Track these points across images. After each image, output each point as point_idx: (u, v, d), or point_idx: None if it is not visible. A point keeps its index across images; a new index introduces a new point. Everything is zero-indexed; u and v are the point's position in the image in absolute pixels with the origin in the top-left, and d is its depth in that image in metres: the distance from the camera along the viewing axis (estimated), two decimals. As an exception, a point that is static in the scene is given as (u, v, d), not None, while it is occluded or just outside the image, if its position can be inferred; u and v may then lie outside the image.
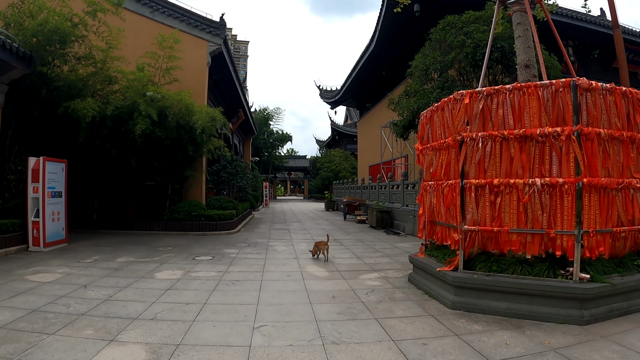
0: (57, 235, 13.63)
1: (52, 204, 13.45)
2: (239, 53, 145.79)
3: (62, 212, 14.12)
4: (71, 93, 15.33)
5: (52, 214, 13.39)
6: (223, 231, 17.76)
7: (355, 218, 24.99)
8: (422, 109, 15.00)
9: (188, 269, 10.09)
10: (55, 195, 13.68)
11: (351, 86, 37.00)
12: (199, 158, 18.92)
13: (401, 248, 14.07)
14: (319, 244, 11.76)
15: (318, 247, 11.72)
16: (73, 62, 16.18)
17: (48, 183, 13.21)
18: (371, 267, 10.60)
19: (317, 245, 11.77)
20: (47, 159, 13.21)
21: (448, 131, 7.70)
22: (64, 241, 13.97)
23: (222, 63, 22.30)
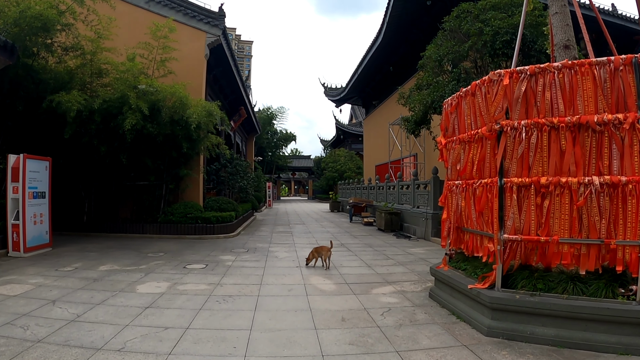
0: (39, 239, 12.55)
1: (34, 206, 12.38)
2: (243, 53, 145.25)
3: (46, 214, 13.04)
4: (57, 86, 14.23)
5: (33, 216, 12.32)
6: (221, 234, 16.56)
7: (361, 220, 23.78)
8: (437, 103, 14.06)
9: (176, 280, 8.87)
10: (37, 196, 12.58)
11: (357, 83, 35.87)
12: (196, 156, 17.78)
13: (414, 254, 12.84)
14: (319, 250, 10.62)
15: (319, 252, 10.58)
16: (59, 52, 15.09)
17: (29, 183, 12.14)
18: (384, 279, 9.33)
19: (317, 251, 10.61)
20: (28, 157, 12.13)
21: (481, 120, 6.45)
22: (47, 245, 12.89)
23: (222, 57, 21.10)
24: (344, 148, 58.42)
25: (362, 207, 24.96)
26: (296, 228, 21.49)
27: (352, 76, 35.50)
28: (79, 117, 13.79)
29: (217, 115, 16.12)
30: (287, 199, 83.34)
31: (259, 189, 39.57)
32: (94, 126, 14.54)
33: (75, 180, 17.13)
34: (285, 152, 72.94)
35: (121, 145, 15.17)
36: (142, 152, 15.99)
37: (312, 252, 10.66)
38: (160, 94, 14.77)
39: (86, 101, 13.80)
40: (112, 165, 16.27)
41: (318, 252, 10.55)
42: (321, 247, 10.68)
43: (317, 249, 10.63)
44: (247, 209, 24.32)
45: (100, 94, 14.56)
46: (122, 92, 14.32)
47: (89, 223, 17.01)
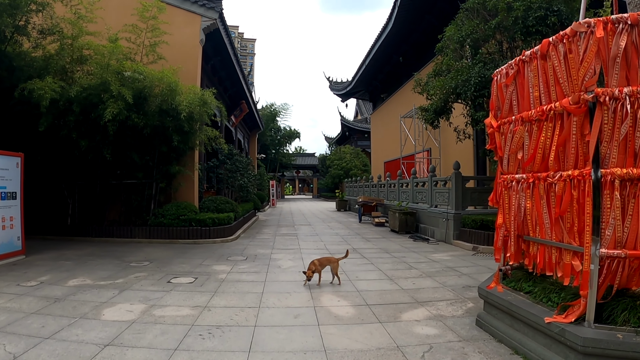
0: (9, 247, 11.00)
1: (2, 208, 10.86)
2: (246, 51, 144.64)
3: (17, 218, 11.43)
4: (34, 73, 12.71)
5: (1, 220, 10.78)
6: (218, 238, 14.81)
7: (372, 220, 21.98)
8: (461, 88, 12.59)
9: (153, 302, 7.12)
10: (6, 197, 11.01)
11: (364, 76, 34.11)
12: (190, 151, 16.03)
13: (439, 262, 11.09)
14: (323, 262, 8.48)
15: (322, 264, 8.42)
16: (36, 36, 13.66)
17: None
18: (413, 297, 7.55)
19: (320, 264, 8.40)
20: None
21: (558, 90, 4.71)
22: (19, 253, 11.28)
23: (220, 44, 19.45)
24: (350, 145, 56.89)
25: (372, 206, 23.20)
26: (302, 230, 19.67)
27: (358, 69, 33.73)
28: (54, 107, 12.35)
29: (212, 104, 14.40)
30: (291, 197, 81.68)
31: (262, 187, 38.02)
32: (73, 117, 12.96)
33: (57, 180, 15.55)
34: (289, 149, 71.79)
35: (104, 139, 13.57)
36: (127, 147, 14.38)
37: (313, 264, 8.32)
38: (147, 80, 13.11)
39: (62, 89, 12.27)
40: (96, 161, 14.71)
41: (322, 264, 8.40)
42: (326, 258, 8.79)
43: (321, 261, 8.48)
44: (248, 209, 22.54)
45: (78, 81, 12.88)
46: (103, 78, 12.68)
47: (73, 226, 15.37)
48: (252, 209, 24.78)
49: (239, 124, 31.93)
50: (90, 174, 15.31)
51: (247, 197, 25.35)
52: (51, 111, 12.40)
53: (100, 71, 12.86)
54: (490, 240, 12.67)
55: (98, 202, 15.55)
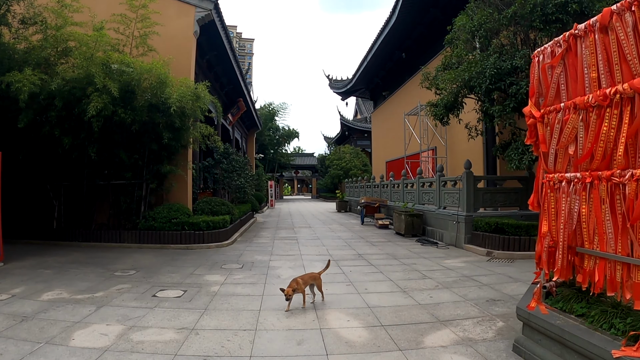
0: None
1: None
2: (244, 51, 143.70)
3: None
4: (14, 66, 11.75)
5: None
6: (212, 243, 13.85)
7: (375, 222, 21.05)
8: (474, 81, 11.75)
9: (134, 321, 6.16)
10: None
11: (364, 73, 33.11)
12: (183, 150, 15.03)
13: (454, 269, 10.16)
14: (306, 279, 7.06)
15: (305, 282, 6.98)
16: (16, 26, 12.75)
17: None
18: (433, 314, 6.60)
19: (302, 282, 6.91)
20: None
21: (625, 69, 3.78)
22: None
23: (215, 38, 18.48)
24: (349, 145, 56.00)
25: (375, 207, 22.25)
26: (302, 233, 18.70)
27: (359, 66, 32.73)
28: (35, 102, 11.55)
29: (206, 99, 13.44)
30: (290, 198, 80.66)
31: (260, 188, 37.06)
32: (55, 113, 12.07)
33: (41, 180, 14.62)
34: (288, 149, 70.76)
35: (89, 136, 12.64)
36: (115, 145, 13.42)
37: (296, 282, 6.83)
38: (135, 72, 12.16)
39: (43, 82, 11.32)
40: (81, 161, 13.79)
41: (306, 282, 7.00)
42: (310, 275, 7.37)
43: (304, 279, 7.03)
44: (245, 210, 21.56)
45: (60, 73, 11.92)
46: (87, 69, 11.71)
47: (59, 230, 14.43)
48: (249, 210, 23.80)
49: (236, 123, 30.99)
50: (76, 174, 14.37)
51: (244, 198, 24.34)
52: (32, 106, 11.58)
53: (84, 62, 11.91)
54: (506, 244, 11.91)
55: (85, 205, 14.57)
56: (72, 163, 13.92)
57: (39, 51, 12.53)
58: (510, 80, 11.26)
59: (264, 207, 37.56)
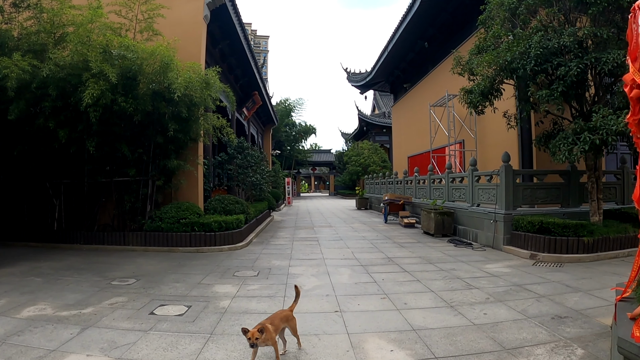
0: None
1: None
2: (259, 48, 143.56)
3: None
4: (5, 53, 10.70)
5: None
6: (225, 245, 12.63)
7: (400, 221, 19.68)
8: (517, 62, 10.40)
9: (121, 352, 4.92)
10: None
11: (384, 65, 31.71)
12: (192, 143, 13.83)
13: (500, 276, 8.81)
14: (276, 322, 4.75)
15: (277, 328, 4.72)
16: (8, 9, 11.78)
17: None
18: (494, 339, 5.27)
19: (274, 328, 4.63)
20: None
21: None
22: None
23: (228, 25, 17.23)
24: (368, 140, 54.79)
25: (399, 205, 20.92)
26: (322, 233, 17.38)
27: (378, 58, 31.35)
28: (27, 91, 10.63)
29: (216, 86, 12.20)
30: (307, 195, 79.32)
31: (277, 185, 35.98)
32: (49, 103, 11.05)
33: (40, 178, 13.52)
34: (304, 146, 69.45)
35: (87, 128, 11.49)
36: (116, 138, 12.26)
37: (266, 328, 4.44)
38: (136, 56, 10.96)
39: (34, 68, 10.24)
40: (80, 156, 12.63)
41: (277, 326, 4.75)
42: (281, 315, 4.95)
43: (275, 322, 4.70)
44: (261, 209, 20.33)
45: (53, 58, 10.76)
46: (82, 54, 10.54)
47: (60, 232, 13.34)
48: (266, 208, 22.60)
49: (251, 118, 29.81)
50: (76, 171, 13.26)
51: (260, 195, 23.12)
52: (23, 96, 10.64)
53: (80, 46, 10.76)
54: (552, 246, 10.62)
55: (87, 204, 13.43)
56: (71, 159, 12.83)
57: (34, 38, 11.54)
58: (558, 61, 9.94)
59: (281, 204, 36.51)
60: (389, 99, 52.86)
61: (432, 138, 23.24)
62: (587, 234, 10.57)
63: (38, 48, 11.49)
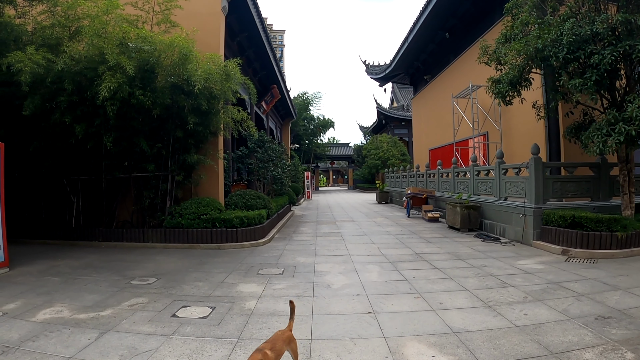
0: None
1: None
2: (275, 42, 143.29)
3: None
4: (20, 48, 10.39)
5: None
6: (247, 241, 12.29)
7: (423, 215, 19.25)
8: (549, 50, 9.94)
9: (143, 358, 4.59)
10: None
11: (404, 57, 31.10)
12: (212, 137, 13.52)
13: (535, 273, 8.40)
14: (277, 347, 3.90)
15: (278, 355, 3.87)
16: (21, 3, 11.64)
17: None
18: (539, 343, 4.90)
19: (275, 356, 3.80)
20: None
21: None
22: (1, 265, 9.05)
23: (246, 17, 16.88)
24: (386, 134, 54.39)
25: (422, 198, 20.48)
26: (345, 227, 16.97)
27: (398, 50, 30.77)
28: (42, 85, 10.43)
29: (236, 78, 11.85)
30: (326, 189, 79.05)
31: (297, 179, 35.65)
32: (65, 98, 10.75)
33: (57, 175, 13.29)
34: (323, 139, 69.19)
35: (104, 123, 11.20)
36: (134, 133, 11.95)
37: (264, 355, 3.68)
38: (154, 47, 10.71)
39: (49, 62, 10.01)
40: (97, 152, 12.39)
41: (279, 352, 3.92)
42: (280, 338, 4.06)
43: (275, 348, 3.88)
44: (282, 203, 19.99)
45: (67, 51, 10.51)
46: (98, 46, 10.32)
47: (78, 229, 13.13)
48: (287, 203, 22.28)
49: (270, 112, 29.48)
50: (93, 167, 13.02)
51: (281, 190, 22.83)
52: (38, 91, 10.44)
53: (96, 39, 10.50)
54: (584, 242, 10.16)
55: (105, 201, 13.20)
56: (89, 155, 12.60)
57: (49, 31, 11.30)
58: (591, 49, 9.44)
59: (300, 199, 36.24)
60: (408, 92, 52.33)
61: (455, 130, 22.73)
62: (620, 228, 10.08)
63: (53, 42, 11.25)
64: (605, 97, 10.76)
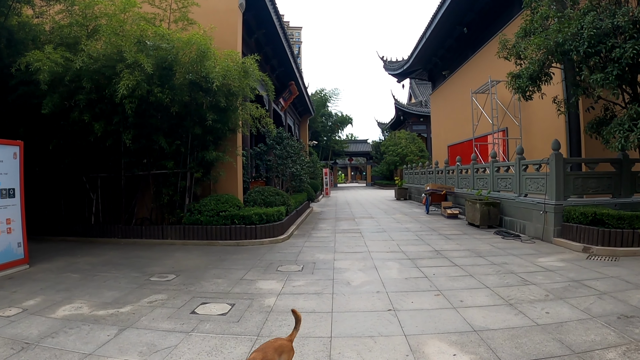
0: (7, 255, 8.90)
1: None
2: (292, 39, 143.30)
3: (17, 220, 9.22)
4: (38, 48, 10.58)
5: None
6: (266, 238, 12.27)
7: (442, 211, 19.08)
8: (569, 44, 9.77)
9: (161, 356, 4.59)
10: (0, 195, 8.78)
11: (422, 52, 30.90)
12: (230, 134, 13.51)
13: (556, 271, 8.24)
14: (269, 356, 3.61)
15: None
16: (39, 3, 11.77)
17: None
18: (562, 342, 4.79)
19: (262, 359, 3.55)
20: None
21: None
22: (20, 262, 9.19)
23: (263, 14, 16.82)
24: (405, 130, 54.19)
25: (441, 195, 20.26)
26: (364, 224, 16.86)
27: (416, 45, 30.57)
28: (60, 84, 10.55)
29: (254, 75, 11.84)
30: (344, 185, 78.74)
31: (315, 175, 35.59)
32: (83, 96, 10.84)
33: (76, 172, 13.40)
34: (341, 136, 69.14)
35: (123, 120, 11.28)
36: (152, 130, 12.00)
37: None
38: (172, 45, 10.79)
39: (67, 60, 10.07)
40: (117, 149, 12.45)
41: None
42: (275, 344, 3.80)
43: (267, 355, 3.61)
44: (301, 200, 19.98)
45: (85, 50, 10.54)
46: (116, 44, 10.39)
47: (97, 226, 13.24)
48: (305, 199, 22.22)
49: (288, 109, 29.44)
50: (112, 164, 13.09)
51: (300, 186, 22.81)
52: (56, 89, 10.55)
53: (114, 37, 10.58)
54: (606, 239, 9.92)
55: (125, 198, 13.26)
56: (108, 152, 12.67)
57: (67, 31, 11.40)
58: (612, 43, 9.23)
59: (319, 195, 36.13)
60: (426, 88, 52.03)
61: (474, 126, 22.51)
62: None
63: (71, 41, 11.36)
64: (627, 91, 10.56)
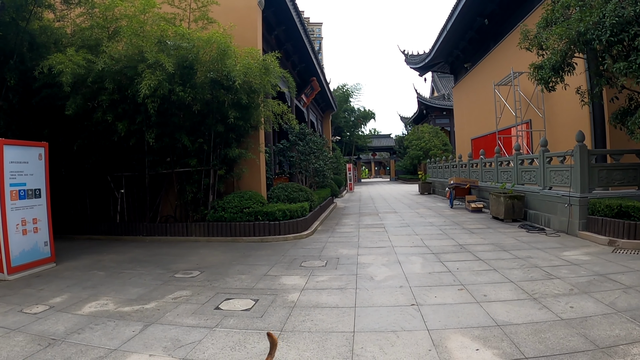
0: (34, 254, 9.08)
1: (22, 209, 8.86)
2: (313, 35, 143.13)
3: (44, 220, 9.42)
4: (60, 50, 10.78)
5: (22, 223, 8.82)
6: (290, 234, 12.30)
7: (466, 205, 18.98)
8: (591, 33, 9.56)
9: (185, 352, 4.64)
10: (26, 196, 9.00)
11: (443, 45, 30.58)
12: (253, 131, 13.59)
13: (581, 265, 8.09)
14: None
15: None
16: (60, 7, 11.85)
17: (11, 178, 8.64)
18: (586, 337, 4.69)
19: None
20: (7, 142, 8.64)
21: None
22: (47, 261, 9.41)
23: (283, 10, 16.76)
24: (427, 124, 53.85)
25: (465, 189, 20.11)
26: (388, 219, 16.80)
27: (437, 39, 30.28)
28: (83, 85, 10.80)
29: (275, 71, 11.89)
30: (367, 181, 78.48)
31: (339, 171, 35.51)
32: (106, 97, 11.02)
33: (101, 172, 13.58)
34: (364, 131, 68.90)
35: (146, 120, 11.46)
36: (175, 128, 12.15)
37: None
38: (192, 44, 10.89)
39: (89, 62, 10.28)
40: (140, 148, 12.59)
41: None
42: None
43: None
44: (325, 196, 20.00)
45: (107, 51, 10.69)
46: (137, 45, 10.57)
47: (123, 224, 13.41)
48: (329, 195, 22.23)
49: (310, 105, 29.45)
50: (136, 163, 13.23)
51: (323, 182, 22.82)
52: (79, 91, 10.78)
53: (134, 38, 10.74)
54: (632, 232, 9.65)
55: (149, 196, 13.42)
56: (131, 151, 12.82)
57: (88, 33, 11.66)
58: (635, 31, 9.04)
59: (343, 191, 36.03)
60: (448, 81, 51.64)
61: (497, 119, 22.28)
62: (669, 217, 9.67)
63: (92, 43, 11.54)
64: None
